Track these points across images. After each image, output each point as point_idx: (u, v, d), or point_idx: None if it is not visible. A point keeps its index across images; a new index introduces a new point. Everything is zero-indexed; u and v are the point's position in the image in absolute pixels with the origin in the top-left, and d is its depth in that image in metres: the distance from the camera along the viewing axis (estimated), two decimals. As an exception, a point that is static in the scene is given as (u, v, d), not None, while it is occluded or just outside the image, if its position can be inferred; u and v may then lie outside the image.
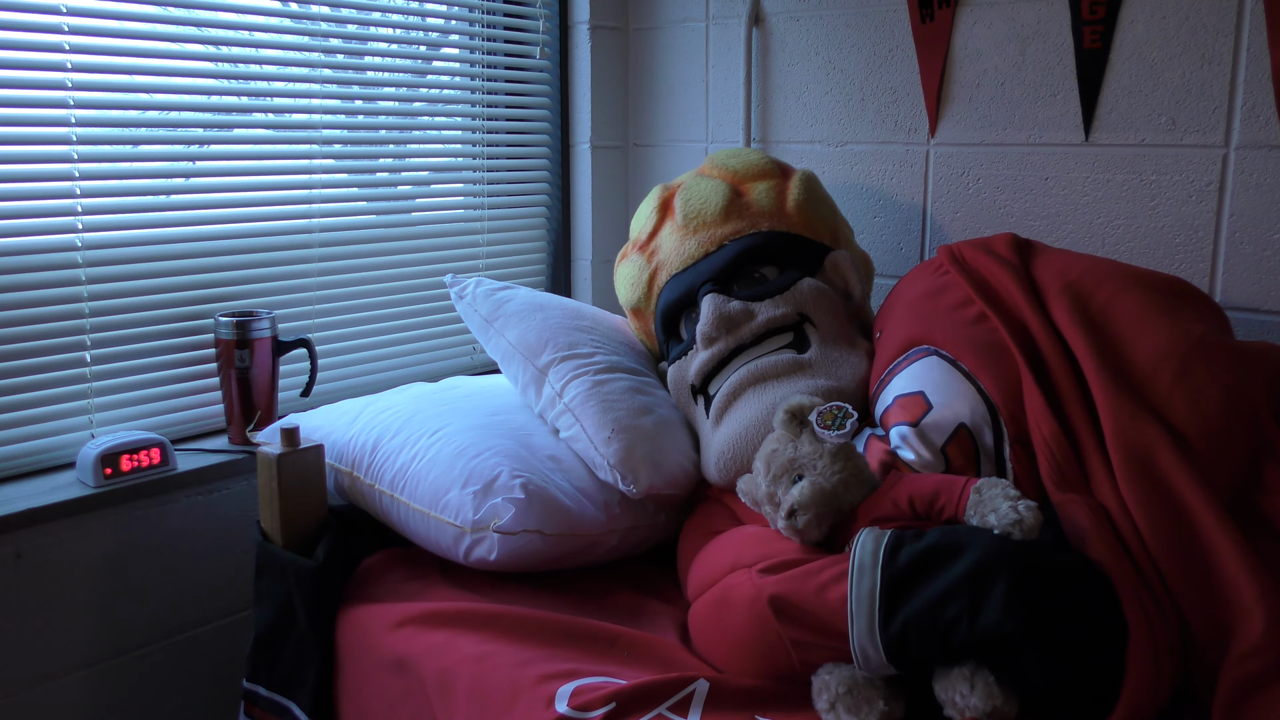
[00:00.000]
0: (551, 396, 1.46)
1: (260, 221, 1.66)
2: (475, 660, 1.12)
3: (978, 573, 0.95)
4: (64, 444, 1.48)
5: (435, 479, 1.33)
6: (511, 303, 1.58)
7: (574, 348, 1.50)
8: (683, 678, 1.03)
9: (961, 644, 0.95)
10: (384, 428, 1.44)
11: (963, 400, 1.23)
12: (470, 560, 1.29)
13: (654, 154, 2.10)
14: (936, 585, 0.96)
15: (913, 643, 0.97)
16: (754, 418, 1.34)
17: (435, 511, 1.32)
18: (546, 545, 1.28)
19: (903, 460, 1.23)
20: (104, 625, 1.46)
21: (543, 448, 1.41)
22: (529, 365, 1.50)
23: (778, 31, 1.88)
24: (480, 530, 1.28)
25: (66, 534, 1.40)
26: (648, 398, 1.45)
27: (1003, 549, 0.97)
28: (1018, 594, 0.94)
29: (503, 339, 1.54)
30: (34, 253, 1.42)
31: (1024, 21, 1.60)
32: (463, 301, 1.62)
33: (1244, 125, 1.44)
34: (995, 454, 1.21)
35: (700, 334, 1.43)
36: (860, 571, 1.00)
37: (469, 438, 1.38)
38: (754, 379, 1.38)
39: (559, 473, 1.37)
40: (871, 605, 0.98)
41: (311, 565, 1.30)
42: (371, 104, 1.82)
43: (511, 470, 1.32)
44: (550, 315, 1.56)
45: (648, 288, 1.57)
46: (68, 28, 1.42)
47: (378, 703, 1.23)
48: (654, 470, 1.36)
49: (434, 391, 1.58)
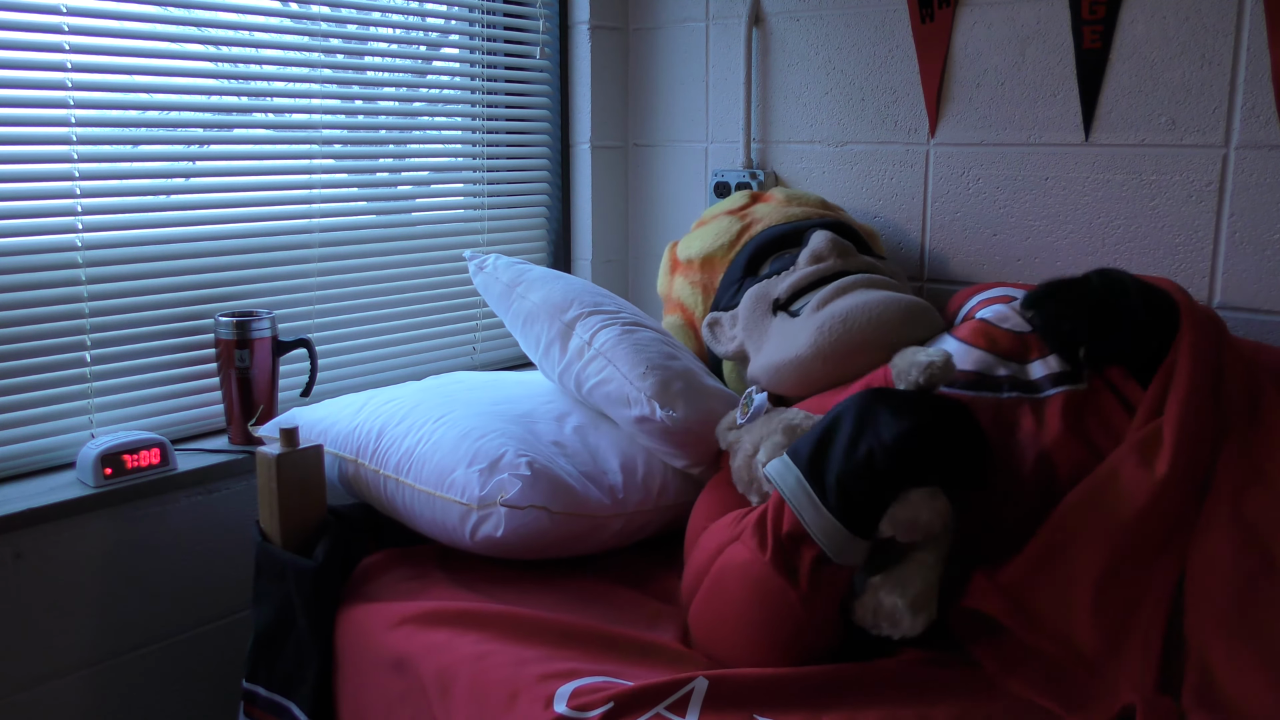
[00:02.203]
0: (580, 346, 1.47)
1: (260, 221, 1.66)
2: (474, 660, 1.12)
3: (861, 414, 1.08)
4: (64, 444, 1.48)
5: (441, 460, 1.34)
6: (532, 272, 1.62)
7: (599, 306, 1.52)
8: (681, 678, 1.03)
9: (886, 469, 1.04)
10: (389, 416, 1.45)
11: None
12: (477, 539, 1.30)
13: (654, 154, 2.10)
14: (839, 442, 1.07)
15: (854, 494, 1.05)
16: (870, 298, 1.34)
17: (441, 491, 1.32)
18: (553, 524, 1.28)
19: (992, 320, 1.29)
20: (104, 625, 1.46)
21: (547, 434, 1.42)
22: (555, 321, 1.51)
23: (778, 31, 1.88)
24: (487, 506, 1.28)
25: (66, 534, 1.40)
26: (675, 349, 1.47)
27: (868, 394, 1.10)
28: (903, 406, 1.07)
29: (526, 300, 1.56)
30: (34, 253, 1.42)
31: (1024, 21, 1.60)
32: (483, 273, 1.64)
33: (1244, 125, 1.44)
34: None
35: (811, 251, 1.44)
36: (781, 479, 1.10)
37: (474, 422, 1.39)
38: (865, 282, 1.39)
39: (564, 457, 1.37)
40: (804, 490, 1.07)
41: (311, 565, 1.30)
42: (371, 104, 1.82)
43: (517, 450, 1.33)
44: (572, 283, 1.59)
45: (736, 237, 1.57)
46: (68, 28, 1.42)
47: (377, 703, 1.23)
48: (691, 402, 1.36)
49: (437, 385, 1.59)
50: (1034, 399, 1.20)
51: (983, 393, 1.20)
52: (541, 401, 1.52)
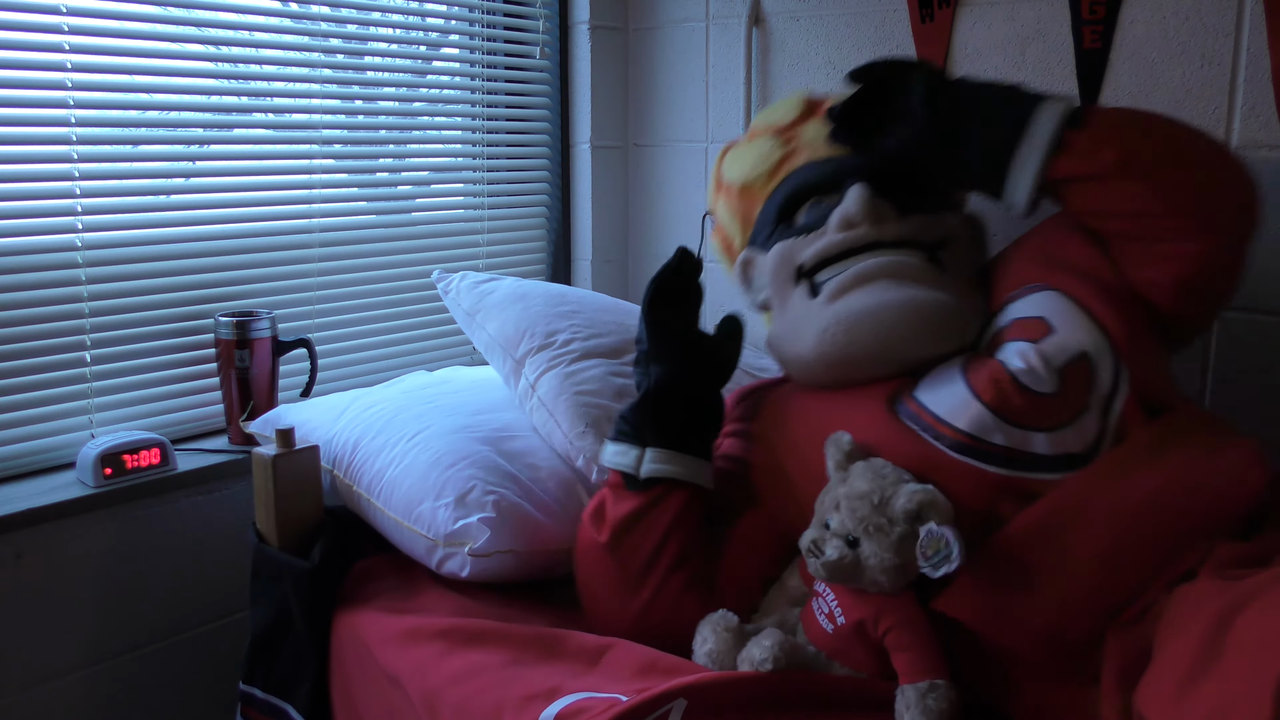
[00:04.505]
0: (526, 390, 1.46)
1: (260, 221, 1.66)
2: (458, 681, 1.11)
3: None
4: (64, 444, 1.48)
5: (409, 488, 1.33)
6: (494, 294, 1.59)
7: (551, 336, 1.49)
8: (659, 696, 0.98)
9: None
10: (365, 426, 1.44)
11: (1086, 333, 1.13)
12: (443, 572, 1.30)
13: (654, 154, 2.10)
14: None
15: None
16: (884, 301, 1.19)
17: (408, 522, 1.32)
18: (520, 562, 1.28)
19: (1011, 370, 1.11)
20: (104, 625, 1.46)
21: (522, 454, 1.40)
22: (507, 358, 1.50)
23: (778, 31, 1.88)
24: (453, 546, 1.28)
25: (66, 534, 1.40)
26: (626, 380, 1.44)
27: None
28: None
29: (484, 332, 1.55)
30: (34, 253, 1.42)
31: (1024, 21, 1.60)
32: (448, 297, 1.63)
33: (1244, 125, 1.44)
34: (1110, 391, 1.10)
35: (841, 216, 1.26)
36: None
37: (446, 444, 1.37)
38: (888, 272, 1.22)
39: (535, 482, 1.36)
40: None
41: (307, 567, 1.30)
42: (371, 104, 1.82)
43: (485, 485, 1.31)
44: (531, 304, 1.55)
45: (776, 166, 1.37)
46: (68, 28, 1.42)
47: (375, 707, 1.23)
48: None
49: (423, 386, 1.58)
50: (1025, 478, 1.07)
51: (967, 458, 1.09)
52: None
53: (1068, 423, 1.08)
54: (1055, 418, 1.08)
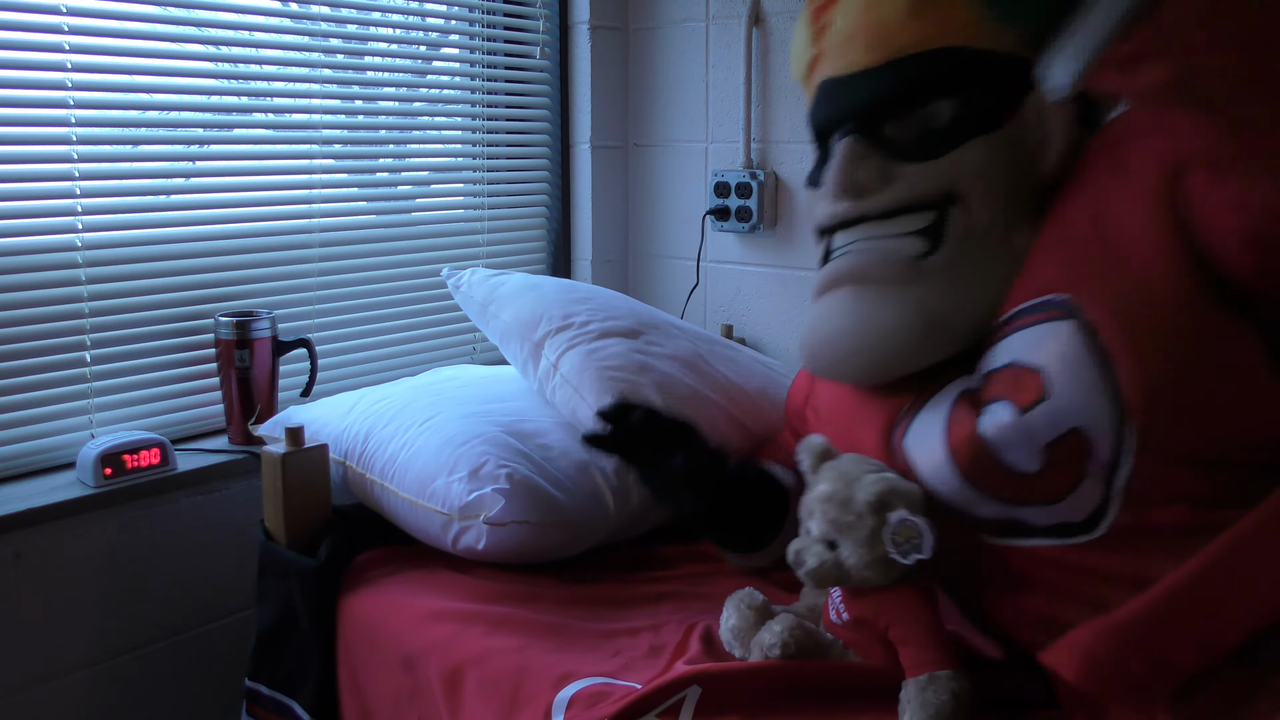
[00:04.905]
0: (547, 369, 1.47)
1: (260, 221, 1.66)
2: (479, 661, 1.13)
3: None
4: (64, 444, 1.48)
5: (422, 467, 1.34)
6: (506, 285, 1.61)
7: (569, 319, 1.51)
8: (674, 683, 1.00)
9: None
10: (376, 418, 1.45)
11: (1088, 398, 0.91)
12: (459, 548, 1.30)
13: (654, 154, 2.10)
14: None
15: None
16: (842, 328, 1.08)
17: (423, 500, 1.32)
18: (535, 534, 1.28)
19: (989, 442, 0.97)
20: (104, 625, 1.46)
21: (534, 435, 1.41)
22: (526, 341, 1.51)
23: (778, 31, 1.88)
24: (467, 518, 1.28)
25: (66, 534, 1.40)
26: (646, 357, 1.45)
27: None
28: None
29: (499, 320, 1.56)
30: (34, 253, 1.42)
31: (1024, 21, 1.60)
32: (460, 292, 1.64)
33: (1244, 125, 1.44)
34: (1113, 459, 0.92)
35: (830, 182, 1.12)
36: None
37: (458, 426, 1.39)
38: (857, 277, 1.08)
39: (548, 461, 1.37)
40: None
41: (314, 564, 1.31)
42: (371, 104, 1.82)
43: (498, 460, 1.32)
44: (545, 293, 1.57)
45: (807, 73, 1.20)
46: (68, 28, 1.42)
47: (384, 700, 1.23)
48: None
49: (430, 382, 1.59)
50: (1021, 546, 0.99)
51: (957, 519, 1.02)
52: (534, 399, 1.52)
53: (1059, 498, 0.95)
54: (1042, 494, 0.96)
